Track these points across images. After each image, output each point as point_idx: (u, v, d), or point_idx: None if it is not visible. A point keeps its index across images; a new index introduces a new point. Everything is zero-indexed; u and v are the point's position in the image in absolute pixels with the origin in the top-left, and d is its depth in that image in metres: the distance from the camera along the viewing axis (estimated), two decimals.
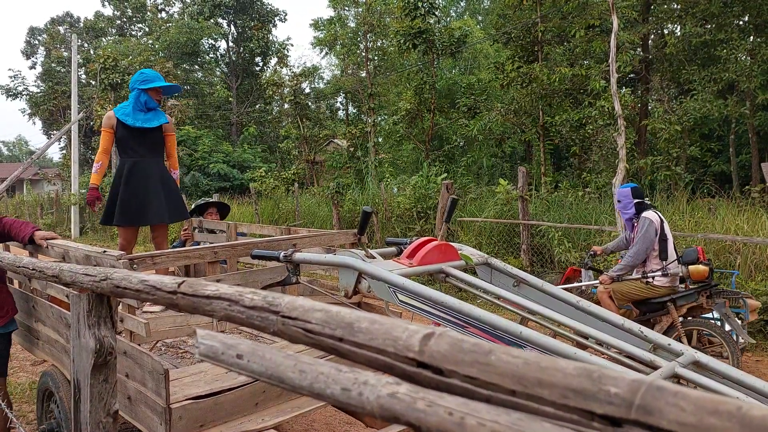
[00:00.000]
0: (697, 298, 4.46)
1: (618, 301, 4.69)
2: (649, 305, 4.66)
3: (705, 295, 4.45)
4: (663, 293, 4.61)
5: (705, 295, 4.45)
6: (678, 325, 4.46)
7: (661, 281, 4.60)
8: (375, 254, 2.36)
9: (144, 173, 4.46)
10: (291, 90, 21.07)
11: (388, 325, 0.74)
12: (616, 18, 8.14)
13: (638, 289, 4.67)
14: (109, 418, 1.65)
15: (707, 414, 0.50)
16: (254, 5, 34.19)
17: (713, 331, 4.47)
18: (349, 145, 20.25)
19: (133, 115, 4.48)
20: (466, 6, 32.06)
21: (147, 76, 4.53)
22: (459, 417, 0.60)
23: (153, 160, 4.54)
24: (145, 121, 4.47)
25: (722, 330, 4.44)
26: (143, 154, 4.49)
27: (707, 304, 4.46)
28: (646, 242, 4.61)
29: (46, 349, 3.18)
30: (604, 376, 0.56)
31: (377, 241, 10.76)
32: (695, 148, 12.92)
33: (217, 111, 31.42)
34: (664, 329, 4.53)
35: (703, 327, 4.52)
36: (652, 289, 4.63)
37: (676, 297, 4.54)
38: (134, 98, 4.48)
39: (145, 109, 4.50)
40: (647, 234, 4.61)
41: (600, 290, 4.77)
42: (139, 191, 4.43)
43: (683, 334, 4.45)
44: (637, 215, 4.81)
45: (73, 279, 1.70)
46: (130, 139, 4.48)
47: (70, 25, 38.65)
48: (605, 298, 4.68)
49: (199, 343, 0.96)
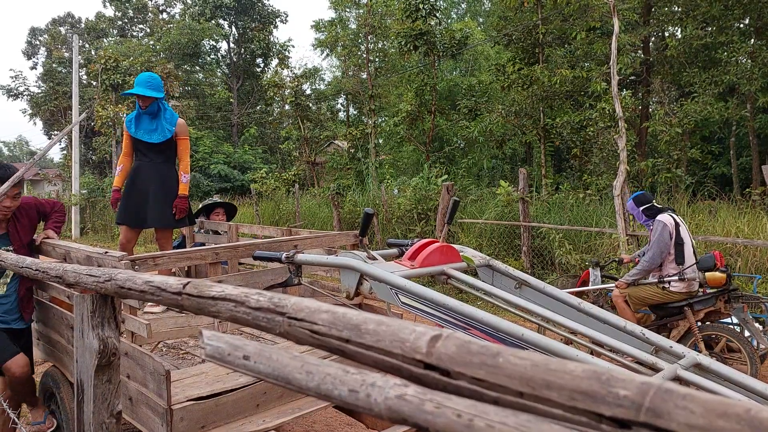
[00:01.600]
0: (715, 303, 4.36)
1: (634, 306, 4.63)
2: (665, 309, 4.58)
3: (723, 300, 4.35)
4: (679, 298, 4.50)
5: (723, 299, 4.35)
6: (695, 330, 4.37)
7: (677, 286, 4.50)
8: (376, 256, 2.36)
9: (147, 177, 4.49)
10: (292, 91, 21.08)
11: (395, 326, 0.74)
12: (617, 20, 8.15)
13: (654, 294, 4.58)
14: (112, 419, 1.66)
15: (716, 416, 0.50)
16: (255, 6, 34.22)
17: (731, 337, 4.35)
18: (350, 147, 20.25)
19: (136, 122, 4.50)
20: (467, 8, 32.08)
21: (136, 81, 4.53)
22: (467, 419, 0.60)
23: (159, 164, 4.54)
24: (145, 133, 4.46)
25: (741, 335, 4.35)
26: (151, 158, 4.53)
27: (725, 308, 4.36)
28: (660, 246, 4.53)
29: (47, 349, 3.18)
30: (612, 379, 0.56)
31: (378, 242, 10.76)
32: (696, 151, 12.91)
33: (218, 112, 31.43)
34: (681, 334, 4.47)
35: (721, 332, 4.41)
36: (669, 294, 4.53)
37: (694, 301, 4.44)
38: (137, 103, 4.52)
39: (149, 115, 4.49)
40: (661, 238, 4.52)
41: (615, 294, 4.71)
42: (140, 194, 4.46)
43: (700, 339, 4.35)
44: (651, 219, 4.73)
45: (76, 280, 1.70)
46: (138, 143, 4.53)
47: (72, 26, 38.67)
48: (620, 302, 4.64)
49: (206, 344, 0.96)
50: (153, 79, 4.54)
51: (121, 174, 4.62)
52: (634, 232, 7.40)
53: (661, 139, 12.10)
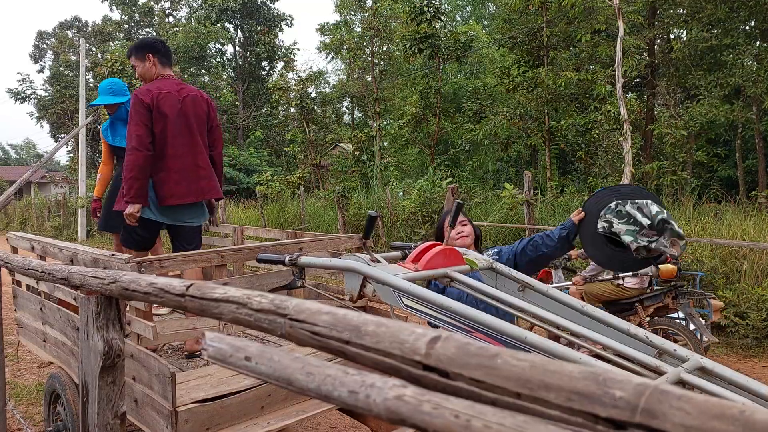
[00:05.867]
0: (664, 299, 4.66)
1: (589, 302, 4.77)
2: (618, 305, 4.80)
3: (671, 296, 4.65)
4: (632, 294, 4.76)
5: (671, 295, 4.65)
6: (645, 325, 4.60)
7: (630, 282, 4.75)
8: (380, 258, 2.37)
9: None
10: (297, 94, 21.14)
11: (394, 328, 0.75)
12: (622, 23, 8.15)
13: (609, 291, 4.82)
14: (117, 420, 1.67)
15: (711, 418, 0.50)
16: (261, 10, 34.37)
17: (678, 330, 4.62)
18: (355, 149, 20.28)
19: (111, 130, 4.48)
20: (472, 11, 32.11)
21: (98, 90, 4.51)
22: (465, 419, 0.60)
23: None
24: (122, 139, 4.32)
25: (686, 329, 4.61)
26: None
27: (673, 304, 4.66)
28: None
29: (53, 351, 3.20)
30: (609, 380, 0.57)
31: (382, 245, 10.77)
32: (701, 153, 12.87)
33: (223, 115, 31.55)
34: None
35: (669, 326, 4.68)
36: (622, 290, 4.78)
37: (644, 298, 4.71)
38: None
39: (120, 121, 4.43)
40: None
41: (572, 291, 4.92)
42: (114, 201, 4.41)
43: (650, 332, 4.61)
44: None
45: (82, 281, 1.71)
46: (117, 150, 4.49)
47: (79, 29, 38.93)
48: (577, 298, 4.78)
49: (208, 346, 0.97)
50: (114, 84, 4.48)
51: (100, 183, 4.60)
52: None
53: (666, 142, 12.07)
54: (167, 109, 3.63)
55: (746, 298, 6.04)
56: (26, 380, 5.01)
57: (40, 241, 3.38)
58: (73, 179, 25.15)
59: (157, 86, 3.70)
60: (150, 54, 3.81)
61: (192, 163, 3.76)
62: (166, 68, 3.86)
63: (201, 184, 3.81)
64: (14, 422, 3.94)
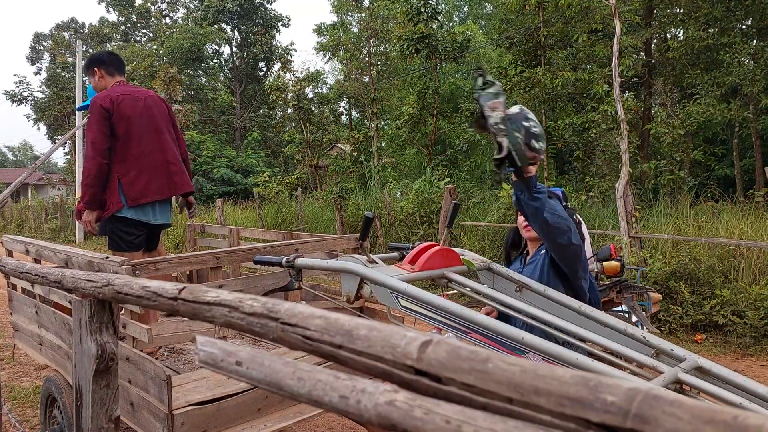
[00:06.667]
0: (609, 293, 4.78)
1: None
2: None
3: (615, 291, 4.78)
4: None
5: (615, 290, 4.77)
6: None
7: None
8: (377, 259, 2.36)
9: None
10: (294, 95, 21.11)
11: (386, 332, 0.74)
12: (618, 22, 8.14)
13: None
14: (111, 424, 1.66)
15: (703, 423, 0.50)
16: (258, 11, 34.33)
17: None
18: (353, 150, 20.27)
19: None
20: (469, 11, 32.11)
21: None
22: (456, 425, 0.60)
23: None
24: None
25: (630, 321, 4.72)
26: None
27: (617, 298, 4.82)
28: None
29: (49, 354, 3.19)
30: (600, 384, 0.56)
31: (380, 245, 10.76)
32: (698, 152, 12.88)
33: (220, 116, 31.52)
34: None
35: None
36: None
37: None
38: None
39: None
40: None
41: None
42: None
43: None
44: None
45: (75, 285, 1.70)
46: None
47: (75, 31, 38.88)
48: None
49: (199, 350, 0.96)
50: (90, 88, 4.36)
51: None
52: (636, 234, 7.38)
53: (663, 141, 12.08)
54: (128, 110, 3.74)
55: (744, 296, 6.04)
56: (23, 383, 4.99)
57: (35, 244, 3.37)
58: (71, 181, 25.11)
59: (115, 90, 3.83)
60: (96, 68, 3.96)
61: (162, 159, 3.87)
62: (117, 76, 4.00)
63: (174, 179, 3.92)
64: (10, 425, 3.93)
